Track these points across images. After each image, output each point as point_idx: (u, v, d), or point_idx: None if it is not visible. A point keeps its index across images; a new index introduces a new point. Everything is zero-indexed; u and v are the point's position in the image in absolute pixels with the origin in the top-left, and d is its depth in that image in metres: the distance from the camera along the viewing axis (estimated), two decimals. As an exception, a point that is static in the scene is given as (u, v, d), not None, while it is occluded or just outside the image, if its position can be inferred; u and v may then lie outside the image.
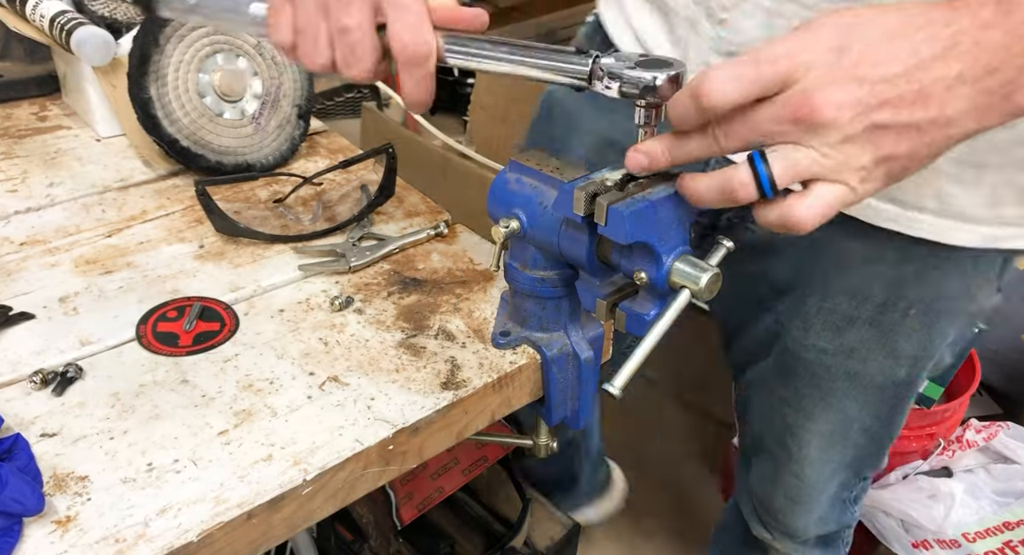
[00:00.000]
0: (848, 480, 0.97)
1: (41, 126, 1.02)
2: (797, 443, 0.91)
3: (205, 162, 0.88)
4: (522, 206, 0.60)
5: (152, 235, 0.82)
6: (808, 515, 0.99)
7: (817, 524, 1.01)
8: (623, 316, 0.56)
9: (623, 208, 0.50)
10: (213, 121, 0.87)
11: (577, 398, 0.70)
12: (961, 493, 1.39)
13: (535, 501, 1.19)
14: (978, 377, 1.46)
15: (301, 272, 0.77)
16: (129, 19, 1.00)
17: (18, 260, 0.77)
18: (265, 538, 0.55)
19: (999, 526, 1.39)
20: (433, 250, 0.83)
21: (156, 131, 0.85)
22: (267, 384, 0.63)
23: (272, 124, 0.88)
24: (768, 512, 1.03)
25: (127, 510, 0.52)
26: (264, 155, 0.90)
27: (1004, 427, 1.49)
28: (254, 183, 0.89)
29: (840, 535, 1.07)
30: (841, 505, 1.01)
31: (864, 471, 0.97)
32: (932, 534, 1.38)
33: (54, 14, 0.92)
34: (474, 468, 1.10)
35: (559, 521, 1.16)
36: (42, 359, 0.65)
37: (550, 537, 1.15)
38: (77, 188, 0.89)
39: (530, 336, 0.68)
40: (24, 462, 0.53)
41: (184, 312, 0.70)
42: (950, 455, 1.46)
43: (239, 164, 0.89)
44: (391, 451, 0.60)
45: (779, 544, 1.06)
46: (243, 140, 0.88)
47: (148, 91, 0.84)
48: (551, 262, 0.62)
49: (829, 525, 1.03)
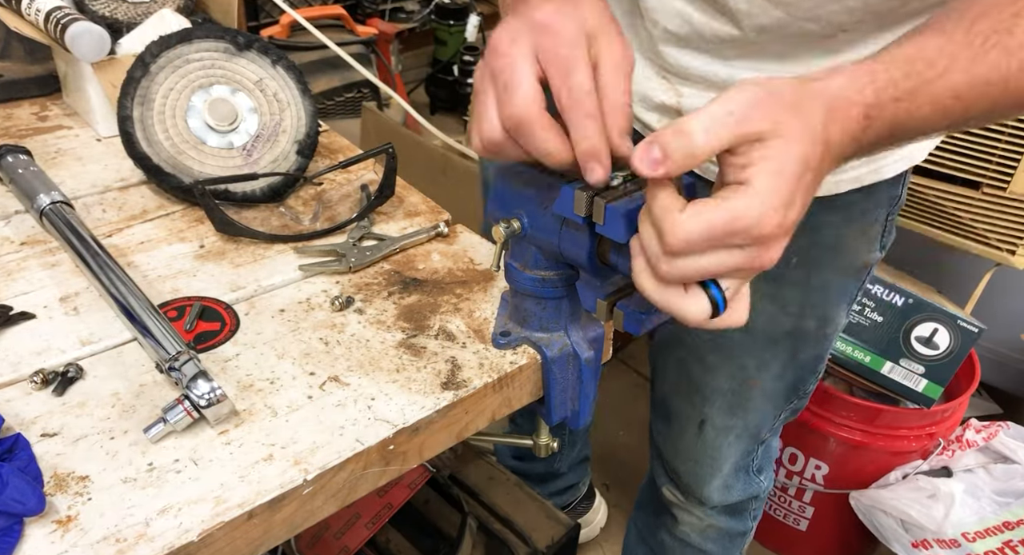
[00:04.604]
0: (749, 447, 1.03)
1: (41, 126, 1.02)
2: (702, 398, 0.97)
3: (177, 182, 0.84)
4: (522, 207, 0.60)
5: (152, 235, 0.82)
6: (712, 479, 1.05)
7: (721, 491, 1.07)
8: (621, 315, 0.56)
9: (621, 207, 0.50)
10: (197, 148, 0.85)
11: (577, 398, 0.71)
12: (961, 493, 1.39)
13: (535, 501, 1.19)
14: (978, 377, 1.46)
15: (301, 272, 0.77)
16: (130, 19, 1.00)
17: (18, 260, 0.77)
18: (265, 538, 0.55)
19: (999, 526, 1.39)
20: (433, 250, 0.83)
21: (130, 147, 0.83)
22: (267, 384, 0.64)
23: (266, 158, 0.87)
24: (676, 475, 1.09)
25: (128, 510, 0.52)
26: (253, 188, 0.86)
27: (1004, 427, 1.49)
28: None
29: (748, 506, 1.13)
30: (745, 475, 1.07)
31: (762, 434, 1.03)
32: (932, 534, 1.38)
33: (50, 9, 0.92)
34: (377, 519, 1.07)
35: (559, 521, 1.16)
36: (43, 359, 0.65)
37: (550, 537, 1.15)
38: (77, 188, 0.89)
39: (530, 336, 0.68)
40: (25, 462, 0.54)
41: (184, 312, 0.70)
42: (950, 455, 1.46)
43: (218, 192, 0.84)
44: (391, 451, 0.60)
45: (688, 508, 1.11)
46: (230, 170, 0.85)
47: (129, 110, 0.83)
48: (551, 262, 0.62)
49: (734, 493, 1.08)
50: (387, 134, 1.91)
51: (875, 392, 1.49)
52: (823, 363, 0.96)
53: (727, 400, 0.96)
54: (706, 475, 1.04)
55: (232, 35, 0.87)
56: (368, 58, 2.40)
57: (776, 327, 0.89)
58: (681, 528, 1.14)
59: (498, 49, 0.52)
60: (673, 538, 1.17)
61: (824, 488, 1.53)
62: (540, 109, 0.50)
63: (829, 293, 0.87)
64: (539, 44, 0.51)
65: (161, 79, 0.84)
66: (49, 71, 1.08)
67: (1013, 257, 1.41)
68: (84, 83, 0.97)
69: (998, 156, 1.34)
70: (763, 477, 1.10)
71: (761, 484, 1.10)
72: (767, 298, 0.86)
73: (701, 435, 1.00)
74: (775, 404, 0.98)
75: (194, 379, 0.57)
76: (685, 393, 0.99)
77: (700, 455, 1.03)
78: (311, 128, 0.90)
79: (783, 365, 0.93)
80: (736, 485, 1.07)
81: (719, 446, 1.01)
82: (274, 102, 0.89)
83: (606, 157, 0.51)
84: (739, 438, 1.00)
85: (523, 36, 0.51)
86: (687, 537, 1.15)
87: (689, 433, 1.02)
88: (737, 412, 0.97)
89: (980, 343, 1.39)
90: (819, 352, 0.94)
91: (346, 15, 2.41)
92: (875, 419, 1.42)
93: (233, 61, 0.88)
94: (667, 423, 1.06)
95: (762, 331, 0.89)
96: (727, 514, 1.11)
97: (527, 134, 0.51)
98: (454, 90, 3.18)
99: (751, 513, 1.14)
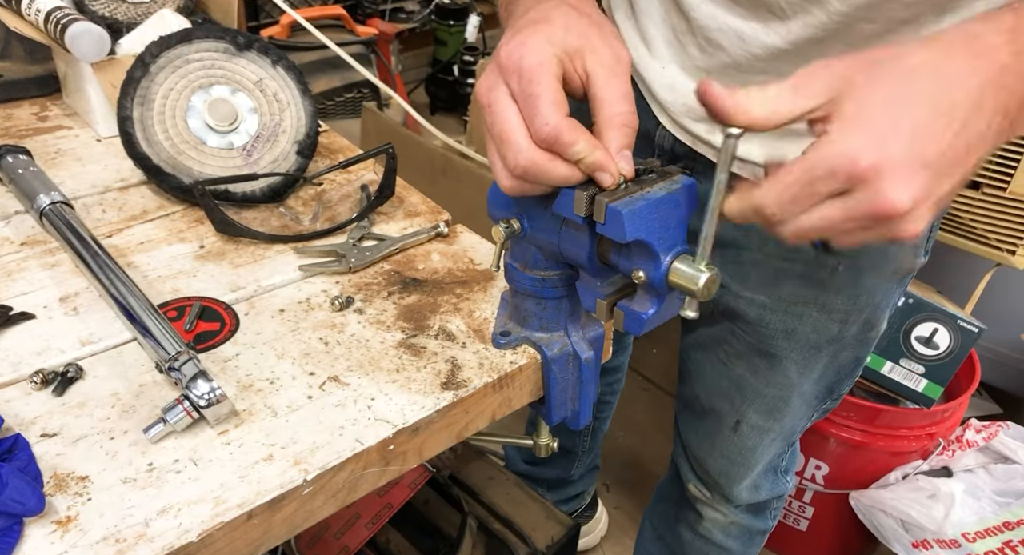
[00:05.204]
0: (781, 449, 1.03)
1: (41, 126, 1.02)
2: (741, 399, 0.96)
3: (177, 183, 0.84)
4: (522, 207, 0.60)
5: (152, 235, 0.82)
6: (743, 478, 1.04)
7: (750, 490, 1.07)
8: (621, 315, 0.56)
9: (621, 206, 0.50)
10: (197, 148, 0.85)
11: (577, 398, 0.70)
12: (961, 493, 1.39)
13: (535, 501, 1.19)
14: (978, 377, 1.46)
15: (301, 272, 0.77)
16: (130, 19, 1.00)
17: (18, 260, 0.77)
18: (265, 538, 0.55)
19: (999, 526, 1.39)
20: (433, 250, 0.83)
21: (130, 147, 0.83)
22: (267, 384, 0.64)
23: (266, 159, 0.87)
24: (705, 472, 1.08)
25: (127, 510, 0.52)
26: (253, 188, 0.86)
27: (1004, 427, 1.49)
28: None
29: (770, 505, 1.13)
30: (774, 474, 1.07)
31: (794, 436, 1.03)
32: (932, 534, 1.38)
33: (50, 9, 0.92)
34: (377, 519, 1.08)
35: (559, 521, 1.16)
36: (42, 359, 0.65)
37: (550, 537, 1.15)
38: (77, 188, 0.89)
39: (530, 336, 0.68)
40: (24, 462, 0.53)
41: (184, 312, 0.70)
42: (950, 455, 1.46)
43: (218, 192, 0.84)
44: (391, 451, 0.60)
45: (714, 505, 1.11)
46: (230, 171, 0.85)
47: (129, 111, 0.83)
48: (551, 262, 0.62)
49: (762, 493, 1.08)
50: (387, 134, 1.91)
51: (875, 392, 1.49)
52: (861, 367, 0.95)
53: (766, 403, 0.95)
54: (737, 474, 1.04)
55: (232, 35, 0.87)
56: (368, 58, 2.40)
57: (822, 334, 0.88)
58: (704, 525, 1.14)
59: (481, 100, 0.54)
60: (694, 534, 1.17)
61: (824, 488, 1.53)
62: (539, 152, 0.51)
63: (875, 298, 0.86)
64: (509, 86, 0.52)
65: (161, 79, 0.84)
66: (49, 71, 1.08)
67: (1013, 257, 1.41)
68: (84, 83, 0.97)
69: (998, 156, 1.34)
70: (788, 477, 1.10)
71: (787, 484, 1.10)
72: (815, 306, 0.85)
73: (736, 434, 0.99)
74: (810, 406, 0.97)
75: (194, 379, 0.57)
76: (724, 392, 0.98)
77: (733, 454, 1.02)
78: (311, 128, 0.90)
79: (823, 368, 0.92)
80: (764, 485, 1.07)
81: (754, 447, 1.00)
82: (274, 102, 0.89)
83: (611, 164, 0.51)
84: (774, 440, 1.00)
85: (496, 82, 0.53)
86: (709, 534, 1.15)
87: (724, 431, 1.01)
88: (775, 415, 0.96)
89: (980, 343, 1.39)
90: (859, 355, 0.93)
91: (346, 15, 2.41)
92: (875, 419, 1.42)
93: (233, 61, 0.88)
94: (700, 419, 1.04)
95: (807, 338, 0.88)
96: (751, 512, 1.12)
97: (538, 175, 0.52)
98: (454, 90, 3.18)
99: (772, 512, 1.14)
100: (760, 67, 0.72)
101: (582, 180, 0.52)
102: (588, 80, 0.53)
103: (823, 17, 0.66)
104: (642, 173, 0.54)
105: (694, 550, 1.19)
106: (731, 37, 0.72)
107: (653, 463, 1.88)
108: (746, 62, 0.72)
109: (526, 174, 0.52)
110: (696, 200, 0.55)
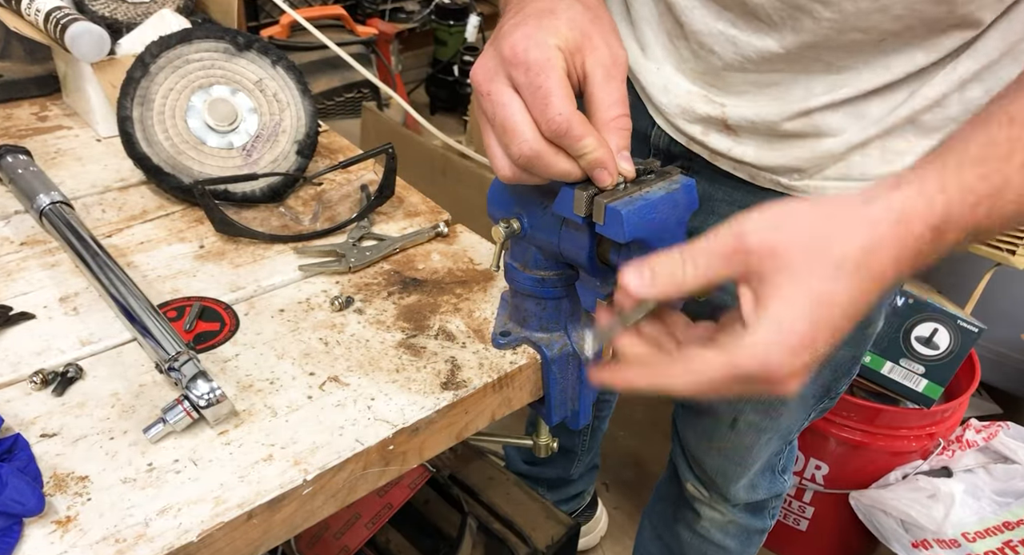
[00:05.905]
0: (779, 448, 1.03)
1: (41, 126, 1.02)
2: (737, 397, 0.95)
3: (177, 183, 0.84)
4: (522, 207, 0.60)
5: (152, 235, 0.82)
6: (740, 478, 1.05)
7: (747, 490, 1.07)
8: (622, 316, 0.56)
9: (621, 207, 0.50)
10: (197, 148, 0.85)
11: (577, 398, 0.71)
12: (961, 493, 1.40)
13: (535, 501, 1.19)
14: (978, 377, 1.46)
15: (301, 272, 0.77)
16: (130, 19, 1.00)
17: (18, 260, 0.77)
18: (265, 538, 0.55)
19: (999, 526, 1.39)
20: (433, 250, 0.83)
21: (129, 147, 0.83)
22: (267, 384, 0.64)
23: (266, 159, 0.87)
24: (703, 471, 1.08)
25: (127, 510, 0.52)
26: (253, 188, 0.86)
27: (1004, 427, 1.49)
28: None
29: (768, 504, 1.13)
30: (771, 473, 1.08)
31: (792, 435, 1.03)
32: (932, 534, 1.38)
33: (50, 9, 0.92)
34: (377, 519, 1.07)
35: (559, 521, 1.16)
36: (42, 359, 0.65)
37: (550, 536, 1.15)
38: (77, 188, 0.89)
39: (530, 336, 0.68)
40: (24, 462, 0.53)
41: (184, 312, 0.70)
42: (950, 455, 1.46)
43: (218, 192, 0.84)
44: (391, 451, 0.60)
45: (711, 504, 1.11)
46: (230, 171, 0.85)
47: (129, 111, 0.83)
48: (551, 262, 0.62)
49: (759, 492, 1.08)
50: (387, 134, 1.91)
51: (875, 392, 1.49)
52: (858, 365, 0.95)
53: (763, 401, 0.95)
54: (734, 472, 1.04)
55: (232, 35, 0.87)
56: (368, 58, 2.40)
57: None
58: (702, 524, 1.15)
59: (479, 88, 0.53)
60: (692, 534, 1.17)
61: (824, 488, 1.53)
62: (544, 143, 0.51)
63: None
64: (512, 78, 0.51)
65: (161, 79, 0.84)
66: (49, 71, 1.08)
67: (1013, 257, 1.41)
68: (84, 83, 0.97)
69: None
70: (786, 476, 1.11)
71: (785, 483, 1.11)
72: None
73: (734, 432, 1.00)
74: (807, 405, 0.98)
75: (194, 379, 0.57)
76: None
77: (731, 452, 1.02)
78: (311, 128, 0.90)
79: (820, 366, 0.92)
80: (762, 484, 1.08)
81: (751, 445, 1.00)
82: (274, 102, 0.89)
83: (612, 162, 0.51)
84: (771, 439, 1.00)
85: (498, 72, 0.52)
86: (707, 533, 1.15)
87: (721, 429, 1.01)
88: (771, 413, 0.97)
89: (980, 343, 1.39)
90: (856, 353, 0.93)
91: (346, 15, 2.41)
92: (875, 419, 1.42)
93: (233, 61, 0.88)
94: (697, 418, 1.05)
95: None
96: (749, 511, 1.12)
97: (540, 166, 0.52)
98: (454, 90, 3.18)
99: (770, 511, 1.15)
100: (753, 69, 0.73)
101: (582, 177, 0.52)
102: (586, 79, 0.53)
103: (812, 26, 0.66)
104: (641, 173, 0.54)
105: (693, 549, 1.19)
106: (723, 42, 0.72)
107: (652, 463, 1.88)
108: (739, 65, 0.73)
109: (529, 164, 0.52)
110: (696, 200, 0.55)
